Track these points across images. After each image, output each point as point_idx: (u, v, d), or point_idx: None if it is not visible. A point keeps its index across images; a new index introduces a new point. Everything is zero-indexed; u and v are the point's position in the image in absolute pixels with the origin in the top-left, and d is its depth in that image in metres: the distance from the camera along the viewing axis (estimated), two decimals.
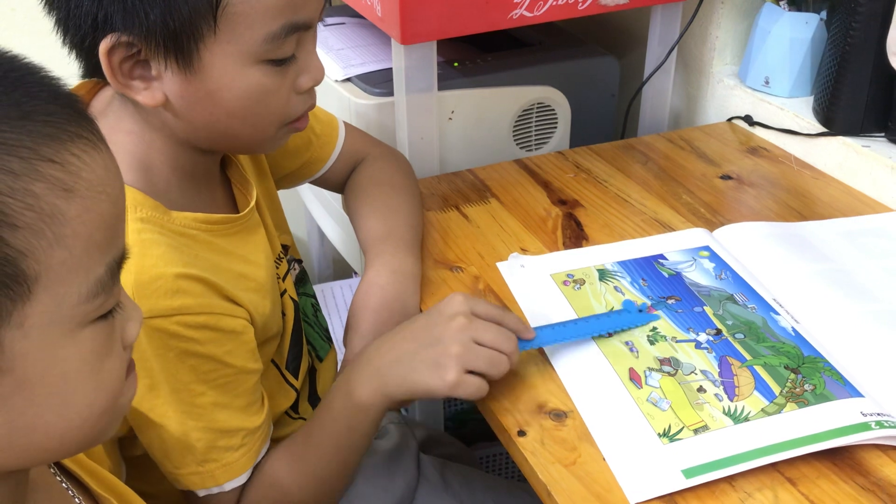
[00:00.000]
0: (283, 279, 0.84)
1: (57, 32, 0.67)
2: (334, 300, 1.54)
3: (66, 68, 0.58)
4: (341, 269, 1.74)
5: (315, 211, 1.41)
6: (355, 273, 1.57)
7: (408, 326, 0.74)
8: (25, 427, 0.43)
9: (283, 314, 0.82)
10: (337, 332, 1.24)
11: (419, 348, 0.71)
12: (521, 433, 0.69)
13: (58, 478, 0.54)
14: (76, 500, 0.54)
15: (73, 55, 0.68)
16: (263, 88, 0.68)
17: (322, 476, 0.76)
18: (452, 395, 0.70)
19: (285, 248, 0.88)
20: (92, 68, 0.68)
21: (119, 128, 0.70)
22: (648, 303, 0.80)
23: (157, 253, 0.66)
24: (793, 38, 1.12)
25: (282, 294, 0.83)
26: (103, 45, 0.63)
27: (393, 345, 0.73)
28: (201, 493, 0.72)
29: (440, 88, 1.02)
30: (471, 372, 0.69)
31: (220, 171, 0.80)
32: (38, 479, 0.51)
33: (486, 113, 1.11)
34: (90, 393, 0.45)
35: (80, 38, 0.65)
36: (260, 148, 0.77)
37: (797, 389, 0.70)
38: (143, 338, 0.64)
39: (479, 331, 0.70)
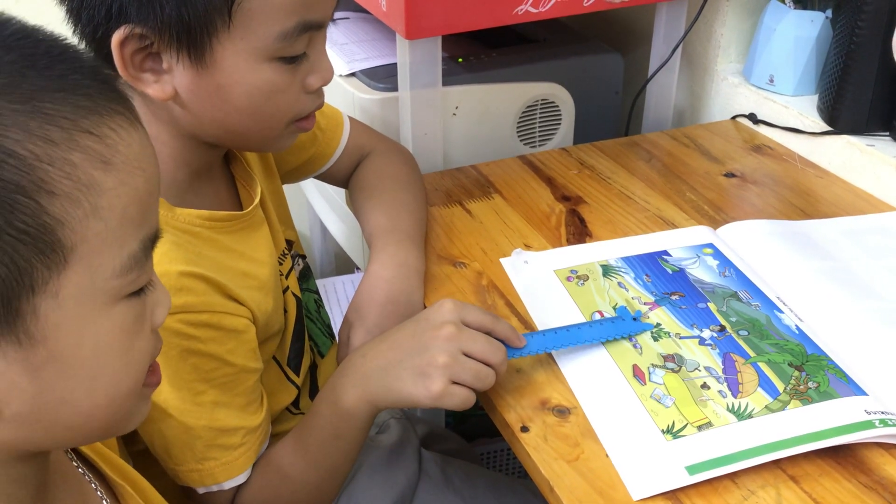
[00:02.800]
0: (287, 276, 0.84)
1: (68, 23, 0.67)
2: (336, 295, 1.54)
3: None
4: (343, 264, 1.74)
5: (318, 205, 1.41)
6: (357, 268, 1.57)
7: (395, 333, 0.72)
8: (54, 401, 0.43)
9: (286, 311, 0.82)
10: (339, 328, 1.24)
11: (406, 357, 0.69)
12: (524, 429, 0.69)
13: (74, 463, 0.54)
14: (92, 485, 0.54)
15: (83, 46, 0.68)
16: (273, 86, 0.68)
17: (309, 483, 0.76)
18: (437, 405, 0.68)
19: (289, 243, 0.88)
20: (102, 60, 0.67)
21: None
22: (644, 309, 0.80)
23: (161, 250, 0.66)
24: (798, 37, 1.12)
25: (284, 291, 0.82)
26: (116, 37, 0.63)
27: (379, 352, 0.72)
28: (201, 491, 0.72)
29: (444, 84, 1.02)
30: (457, 382, 0.68)
31: (224, 167, 0.80)
32: (54, 465, 0.51)
33: (490, 109, 1.11)
34: (119, 371, 0.45)
35: (93, 29, 0.65)
36: (266, 147, 0.76)
37: (801, 387, 0.70)
38: None
39: (467, 341, 0.68)
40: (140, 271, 0.45)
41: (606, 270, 0.86)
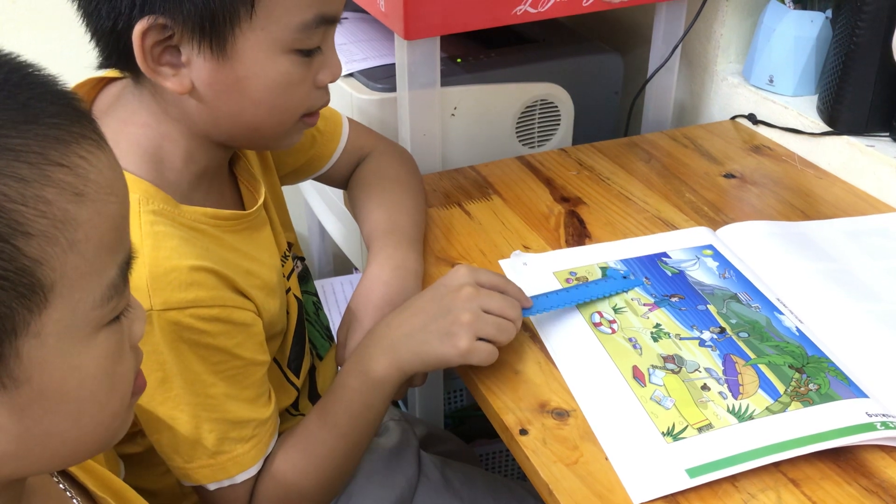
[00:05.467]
0: (288, 277, 0.83)
1: (82, 17, 0.67)
2: (335, 296, 1.54)
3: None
4: (342, 265, 1.74)
5: (316, 206, 1.41)
6: (356, 269, 1.57)
7: (416, 301, 0.75)
8: (41, 436, 0.42)
9: (287, 312, 0.82)
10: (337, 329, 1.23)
11: (430, 320, 0.72)
12: (523, 432, 0.69)
13: (54, 478, 0.53)
14: (74, 501, 0.53)
15: (94, 41, 0.68)
16: (290, 79, 0.69)
17: (336, 458, 0.76)
18: (465, 362, 0.72)
19: (289, 245, 0.87)
20: (116, 55, 0.67)
21: (133, 120, 0.70)
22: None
23: (170, 245, 0.66)
24: (798, 37, 1.11)
25: (286, 292, 0.82)
26: (139, 27, 0.63)
27: (403, 320, 0.74)
28: (212, 487, 0.71)
29: (443, 84, 1.02)
30: (481, 338, 0.72)
31: (227, 167, 0.79)
32: (34, 481, 0.50)
33: (489, 109, 1.10)
34: (104, 397, 0.44)
35: (113, 21, 0.65)
36: (277, 143, 0.77)
37: (802, 388, 0.70)
38: (156, 330, 0.65)
39: (486, 299, 0.72)
40: (119, 298, 0.44)
41: (605, 273, 0.85)
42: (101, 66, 0.70)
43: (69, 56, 0.66)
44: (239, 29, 0.65)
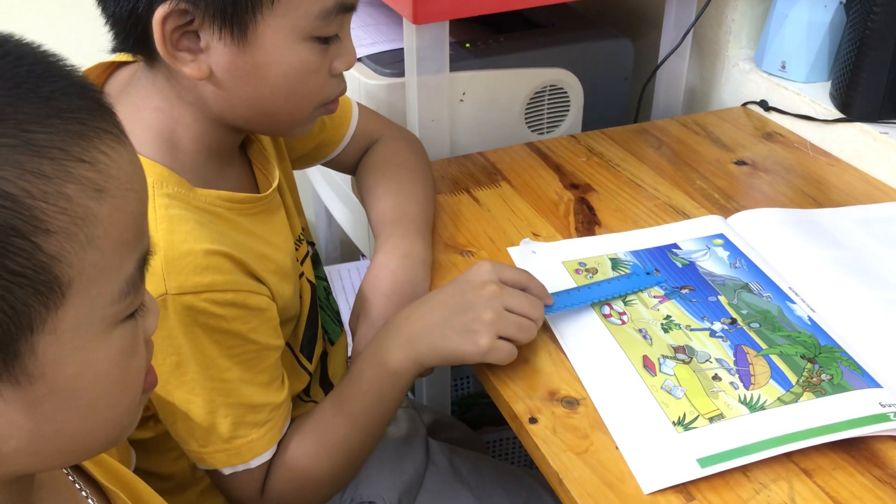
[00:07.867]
0: (302, 262, 0.83)
1: (98, 0, 0.67)
2: (341, 283, 1.53)
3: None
4: (348, 251, 1.74)
5: (323, 192, 1.40)
6: (363, 255, 1.56)
7: (437, 295, 0.74)
8: (53, 432, 0.42)
9: (301, 297, 0.82)
10: (346, 315, 1.23)
11: (451, 315, 0.72)
12: (533, 420, 0.68)
13: (63, 470, 0.53)
14: (83, 493, 0.53)
15: (110, 25, 0.68)
16: (308, 66, 0.69)
17: (350, 446, 0.76)
18: (484, 360, 0.71)
19: (301, 230, 0.87)
20: (133, 39, 0.67)
21: (146, 104, 0.69)
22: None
23: (185, 229, 0.66)
24: (811, 22, 1.10)
25: (300, 277, 0.82)
26: (160, 12, 0.63)
27: (423, 313, 0.74)
28: (227, 472, 0.71)
29: (452, 69, 1.01)
30: (500, 338, 0.71)
31: (241, 151, 0.79)
32: (43, 474, 0.50)
33: (498, 95, 1.10)
34: (117, 394, 0.44)
35: (133, 4, 0.64)
36: (291, 130, 0.77)
37: (814, 379, 0.69)
38: (171, 315, 0.64)
39: (508, 298, 0.72)
40: (136, 294, 0.43)
41: (615, 264, 0.85)
42: (116, 49, 0.69)
43: (75, 42, 0.65)
44: (261, 15, 0.65)
